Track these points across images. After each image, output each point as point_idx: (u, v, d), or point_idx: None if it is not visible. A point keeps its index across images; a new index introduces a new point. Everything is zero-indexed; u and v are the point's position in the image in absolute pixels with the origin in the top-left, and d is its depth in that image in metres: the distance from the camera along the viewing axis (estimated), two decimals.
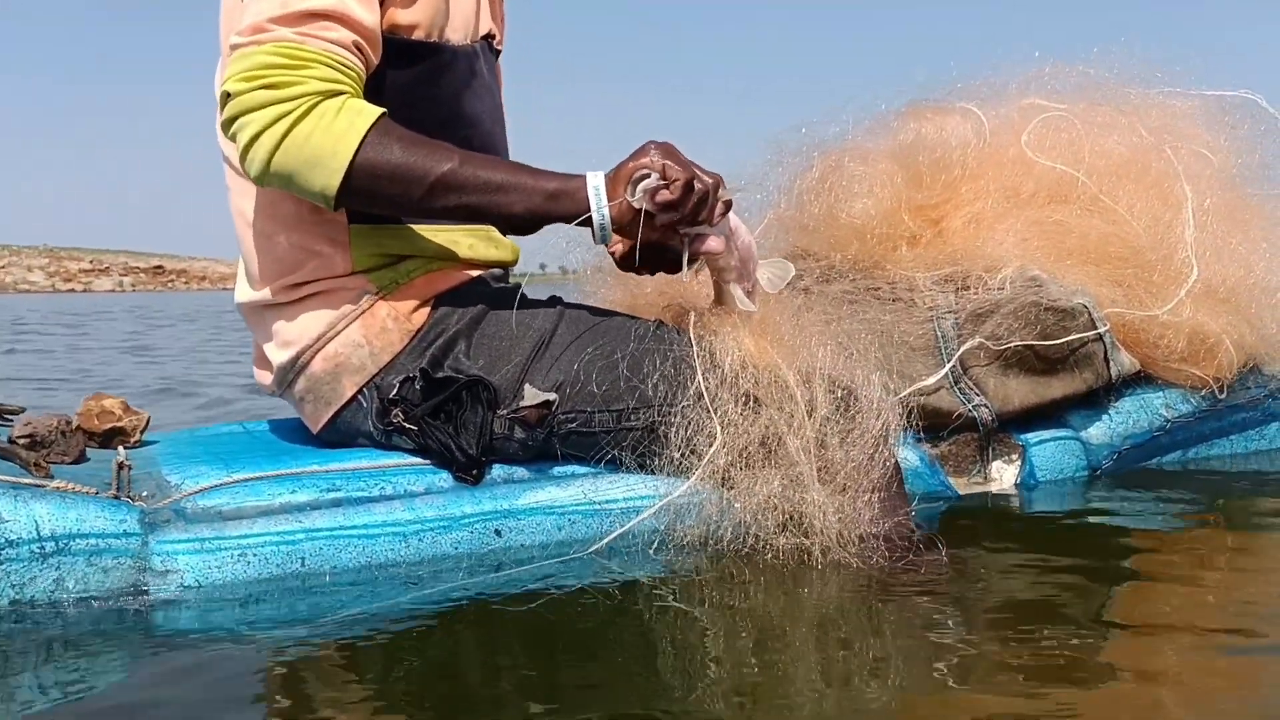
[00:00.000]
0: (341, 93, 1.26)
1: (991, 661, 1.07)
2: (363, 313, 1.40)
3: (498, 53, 1.59)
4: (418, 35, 1.38)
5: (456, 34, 1.43)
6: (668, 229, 1.30)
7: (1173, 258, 1.78)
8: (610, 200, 1.28)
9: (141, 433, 1.51)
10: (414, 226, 1.42)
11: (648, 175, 1.26)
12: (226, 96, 1.25)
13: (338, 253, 1.40)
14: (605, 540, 1.35)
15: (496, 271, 1.54)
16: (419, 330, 1.41)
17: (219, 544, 1.22)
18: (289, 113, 1.23)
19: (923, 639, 1.14)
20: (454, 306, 1.43)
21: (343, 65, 1.27)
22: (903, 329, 1.75)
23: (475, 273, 1.49)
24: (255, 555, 1.23)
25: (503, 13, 1.61)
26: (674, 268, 1.38)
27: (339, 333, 1.40)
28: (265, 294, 1.43)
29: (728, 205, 1.35)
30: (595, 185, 1.29)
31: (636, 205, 1.26)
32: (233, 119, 1.25)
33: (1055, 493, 1.75)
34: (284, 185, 1.29)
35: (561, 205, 1.31)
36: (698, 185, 1.28)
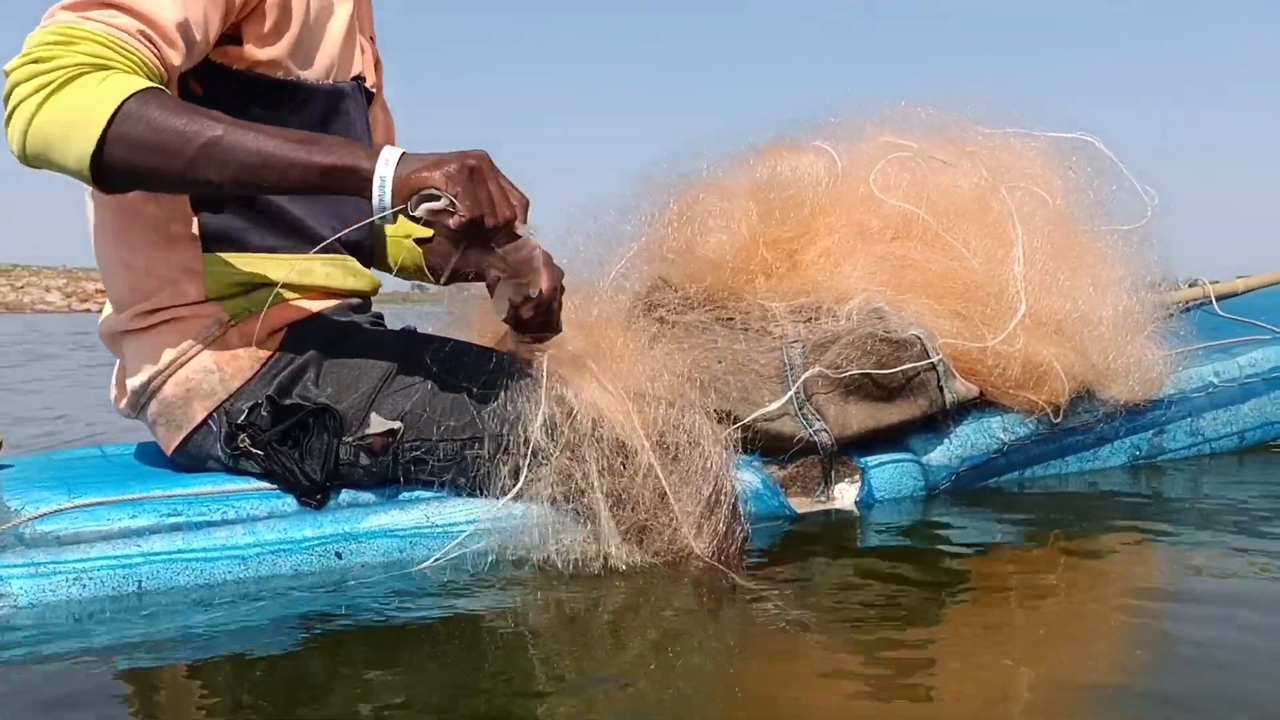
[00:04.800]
0: (110, 68, 1.23)
1: (825, 662, 1.16)
2: (214, 339, 1.44)
3: (370, 94, 1.65)
4: (278, 74, 1.43)
5: (316, 73, 1.48)
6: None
7: (1004, 293, 1.89)
8: (393, 197, 1.23)
9: None
10: (269, 256, 1.47)
11: (436, 197, 1.21)
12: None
13: (191, 281, 1.44)
14: (428, 563, 1.41)
15: (355, 301, 1.59)
16: (269, 358, 1.46)
17: (54, 568, 1.26)
18: (49, 83, 1.20)
19: (756, 645, 1.22)
20: (305, 335, 1.48)
21: (119, 47, 1.24)
22: (752, 357, 1.84)
23: (332, 302, 1.54)
24: (91, 579, 1.27)
25: (376, 56, 1.67)
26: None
27: (190, 358, 1.44)
28: (122, 320, 1.47)
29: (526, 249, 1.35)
30: (383, 175, 1.22)
31: (416, 216, 1.22)
32: (5, 97, 1.24)
33: (894, 510, 1.86)
34: (45, 161, 1.24)
35: (339, 184, 1.24)
36: (487, 222, 1.24)
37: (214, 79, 1.40)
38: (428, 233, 1.71)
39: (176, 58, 1.30)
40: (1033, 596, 1.41)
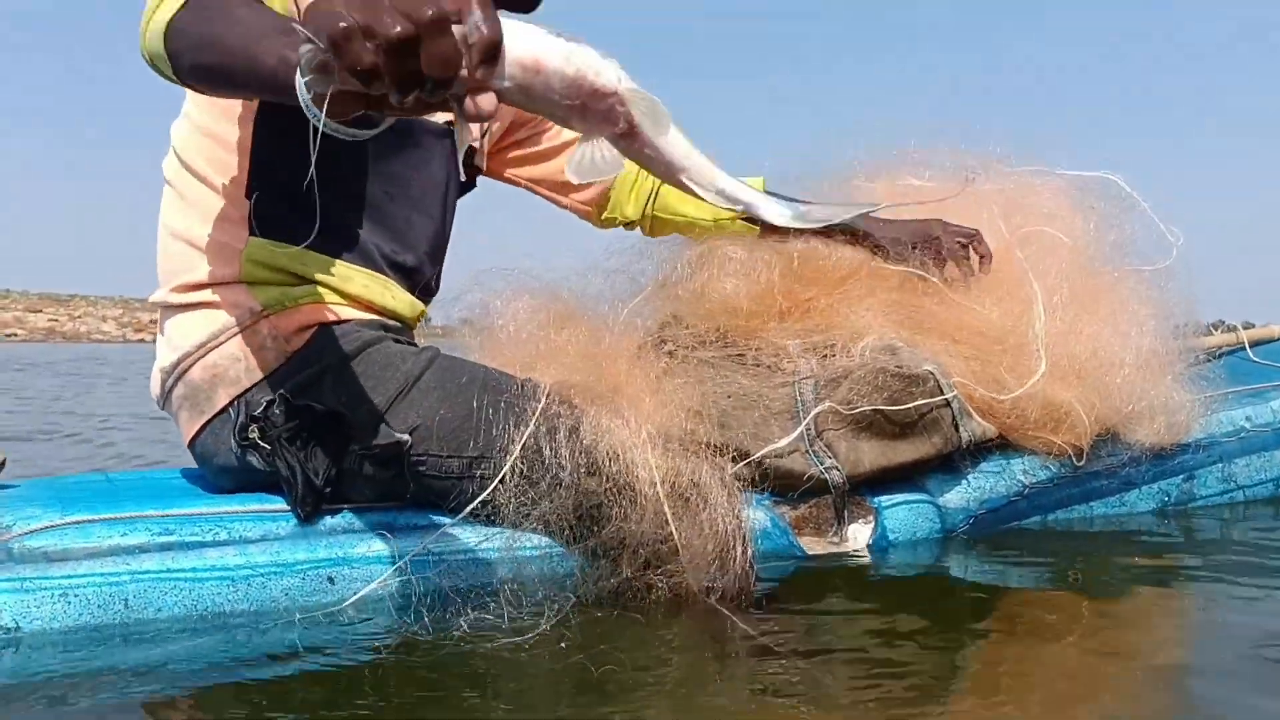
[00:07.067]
0: None
1: (833, 713, 1.10)
2: (245, 328, 1.46)
3: (447, 133, 1.60)
4: None
5: None
6: (408, 102, 0.81)
7: (1023, 345, 1.85)
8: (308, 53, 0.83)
9: None
10: (309, 252, 1.47)
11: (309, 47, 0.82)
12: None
13: (229, 260, 1.46)
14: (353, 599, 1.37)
15: (392, 322, 1.58)
16: (294, 354, 1.46)
17: (40, 584, 1.25)
18: None
19: (760, 693, 1.17)
20: (333, 339, 1.47)
21: None
22: (762, 393, 1.81)
23: (367, 315, 1.54)
24: (77, 596, 1.26)
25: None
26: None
27: (221, 344, 1.46)
28: (164, 294, 1.51)
29: (490, 47, 0.81)
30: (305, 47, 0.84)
31: (306, 91, 0.86)
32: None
33: (909, 551, 1.80)
34: (155, 57, 1.19)
35: (281, 78, 0.97)
36: (392, 30, 0.76)
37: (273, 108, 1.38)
38: None
39: None
40: (1053, 648, 1.34)
